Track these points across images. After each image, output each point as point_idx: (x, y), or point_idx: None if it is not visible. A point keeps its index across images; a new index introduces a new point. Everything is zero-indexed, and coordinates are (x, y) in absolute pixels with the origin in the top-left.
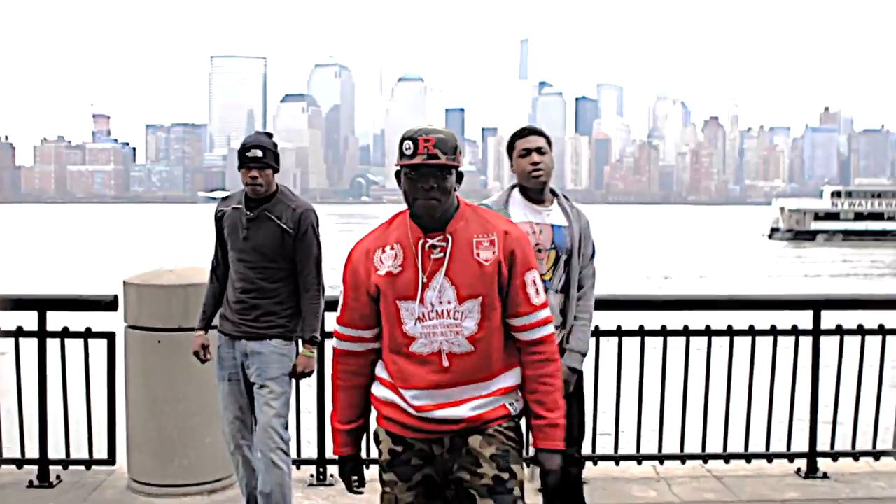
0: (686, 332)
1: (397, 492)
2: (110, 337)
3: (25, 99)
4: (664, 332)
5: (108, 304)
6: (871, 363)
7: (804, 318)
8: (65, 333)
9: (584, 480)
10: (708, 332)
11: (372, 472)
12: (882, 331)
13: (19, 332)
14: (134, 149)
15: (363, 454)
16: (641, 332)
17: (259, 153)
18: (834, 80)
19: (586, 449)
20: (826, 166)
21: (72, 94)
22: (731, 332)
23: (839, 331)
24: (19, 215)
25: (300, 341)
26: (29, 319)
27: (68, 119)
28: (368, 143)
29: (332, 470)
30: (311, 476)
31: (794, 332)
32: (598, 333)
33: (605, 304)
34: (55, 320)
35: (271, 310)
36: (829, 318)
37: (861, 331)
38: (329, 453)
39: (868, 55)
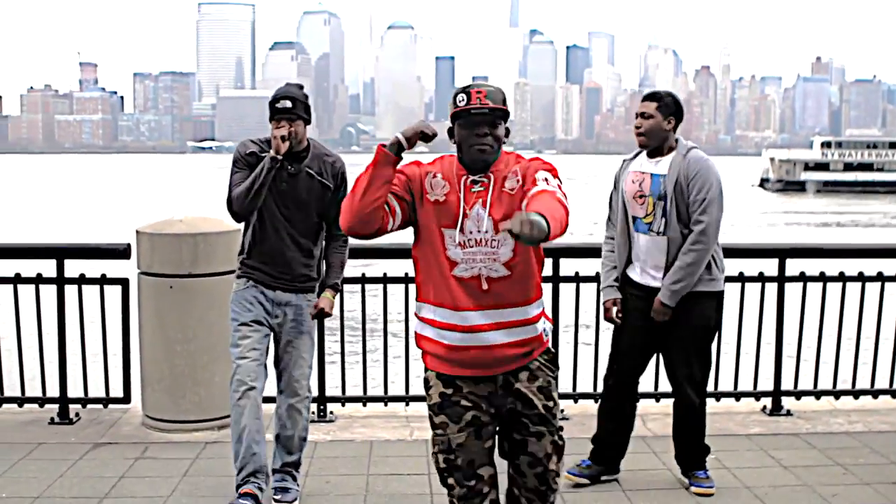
0: None
1: (449, 433)
2: (124, 283)
3: (11, 47)
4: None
5: (122, 252)
6: (832, 308)
7: (770, 266)
8: (82, 280)
9: (566, 416)
10: None
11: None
12: (842, 277)
13: (39, 279)
14: (122, 98)
15: (361, 392)
16: None
17: (289, 104)
18: (826, 29)
19: (566, 387)
20: (817, 117)
21: (58, 42)
22: None
23: (802, 277)
24: (8, 166)
25: (326, 287)
26: (47, 267)
27: (55, 67)
28: (358, 92)
29: (332, 407)
30: (312, 413)
31: (761, 278)
32: (578, 280)
33: (577, 251)
34: (72, 268)
35: (305, 263)
36: (794, 266)
37: (823, 278)
38: (329, 391)
39: (861, 4)
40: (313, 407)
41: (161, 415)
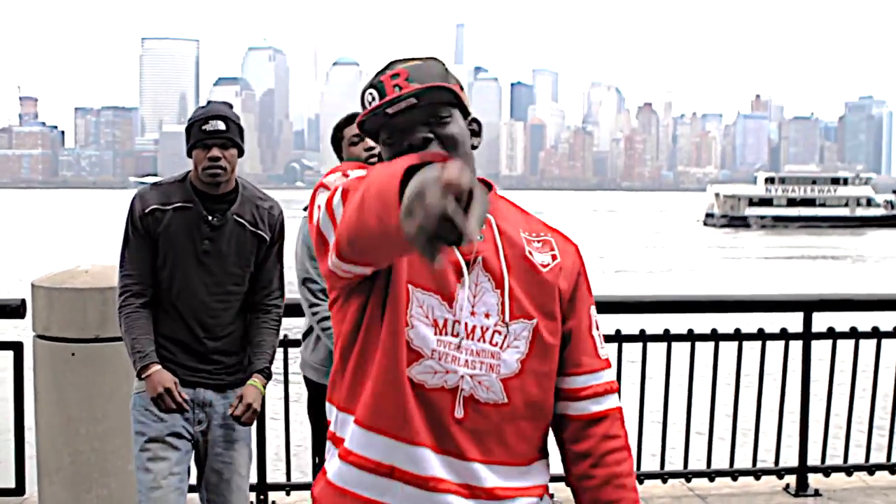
0: (667, 337)
1: None
2: (17, 348)
3: None
4: (643, 338)
5: (14, 311)
6: (864, 368)
7: (792, 321)
8: None
9: (557, 501)
10: (691, 337)
11: None
12: (876, 333)
13: None
14: (62, 132)
15: (311, 477)
16: (618, 338)
17: (221, 125)
18: (765, 67)
19: (557, 467)
20: (757, 153)
21: None
22: (715, 336)
23: (831, 334)
24: None
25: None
26: None
27: None
28: (303, 128)
29: (274, 496)
30: (252, 503)
31: (784, 335)
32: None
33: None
34: None
35: (233, 350)
36: (820, 321)
37: (854, 334)
38: (270, 478)
39: (798, 43)
40: (252, 496)
41: None
